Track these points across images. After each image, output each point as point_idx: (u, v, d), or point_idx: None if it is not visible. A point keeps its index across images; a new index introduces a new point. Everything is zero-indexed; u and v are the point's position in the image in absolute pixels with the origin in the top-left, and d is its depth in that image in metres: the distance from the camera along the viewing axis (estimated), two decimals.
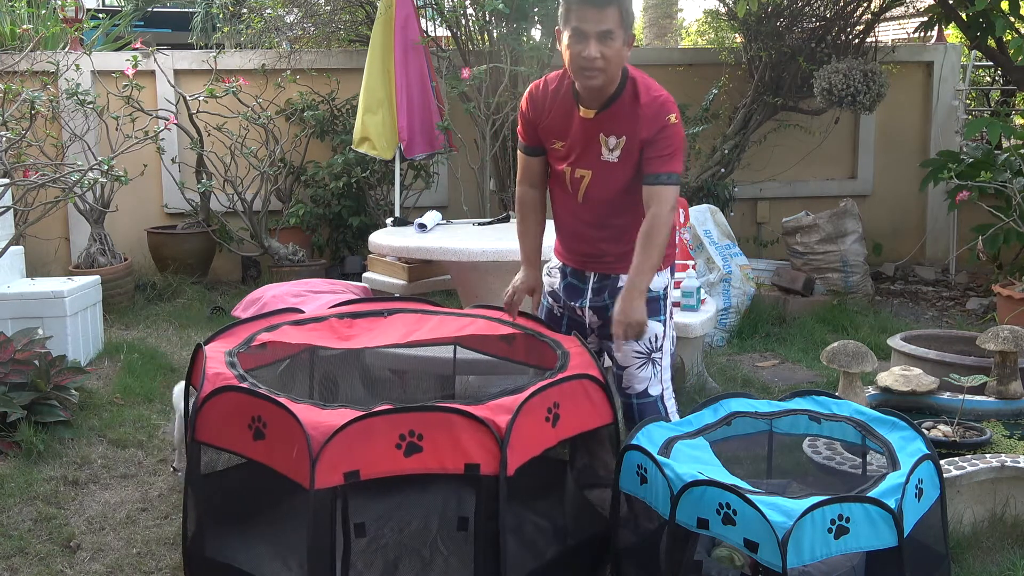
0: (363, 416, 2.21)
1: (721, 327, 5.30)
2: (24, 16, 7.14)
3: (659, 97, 2.76)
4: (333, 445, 2.16)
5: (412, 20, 5.79)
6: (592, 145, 2.83)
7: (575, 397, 2.58)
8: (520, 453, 2.34)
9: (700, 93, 6.72)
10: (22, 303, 4.56)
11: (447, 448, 2.26)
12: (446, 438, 2.26)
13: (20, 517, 3.15)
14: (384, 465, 2.23)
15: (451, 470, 2.27)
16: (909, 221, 7.52)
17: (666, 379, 2.98)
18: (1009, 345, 3.44)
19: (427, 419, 2.26)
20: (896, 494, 2.23)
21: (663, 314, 2.95)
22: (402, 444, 2.23)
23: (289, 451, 2.23)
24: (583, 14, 2.67)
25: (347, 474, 2.18)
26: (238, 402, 2.37)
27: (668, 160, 2.75)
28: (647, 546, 2.57)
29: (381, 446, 2.22)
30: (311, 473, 2.13)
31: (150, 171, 6.42)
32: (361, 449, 2.20)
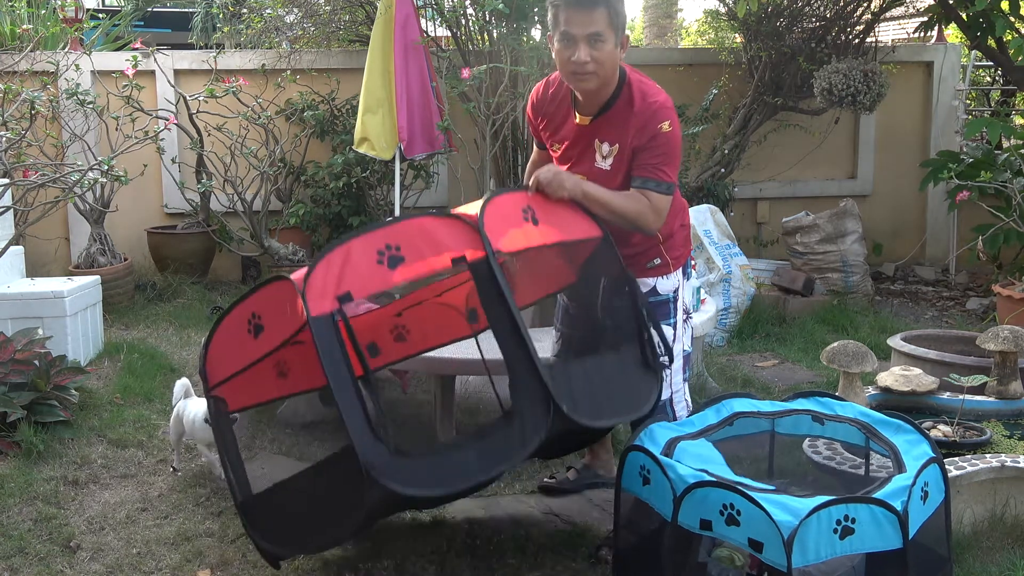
0: (337, 244, 2.29)
1: (721, 327, 5.30)
2: (24, 16, 7.14)
3: (653, 104, 2.72)
4: (316, 275, 2.23)
5: (412, 20, 5.78)
6: (587, 151, 2.82)
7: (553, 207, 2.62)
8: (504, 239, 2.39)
9: (700, 93, 6.72)
10: (22, 303, 4.56)
11: (426, 248, 2.33)
12: (423, 242, 2.33)
13: (20, 517, 3.15)
14: (374, 282, 2.29)
15: (438, 267, 2.34)
16: (909, 221, 7.52)
17: (676, 382, 2.95)
18: (1009, 345, 3.44)
19: (399, 230, 2.33)
20: (902, 496, 2.23)
21: (673, 317, 2.93)
22: (383, 258, 2.29)
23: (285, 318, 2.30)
24: (571, 17, 2.64)
25: (339, 297, 2.24)
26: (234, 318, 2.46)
27: (657, 168, 2.72)
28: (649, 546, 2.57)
29: (364, 266, 2.28)
30: (304, 305, 2.20)
31: (150, 171, 6.41)
32: (347, 273, 2.26)
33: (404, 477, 2.24)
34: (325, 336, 2.22)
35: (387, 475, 2.21)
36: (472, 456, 2.31)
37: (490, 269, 2.33)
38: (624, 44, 2.71)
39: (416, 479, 2.26)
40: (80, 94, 5.96)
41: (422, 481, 2.27)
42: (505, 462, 2.30)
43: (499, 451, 2.30)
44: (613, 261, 2.72)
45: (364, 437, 2.22)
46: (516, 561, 2.87)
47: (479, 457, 2.30)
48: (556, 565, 2.85)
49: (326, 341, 2.22)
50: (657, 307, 2.90)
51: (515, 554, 2.91)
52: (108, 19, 8.49)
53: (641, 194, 2.73)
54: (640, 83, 2.77)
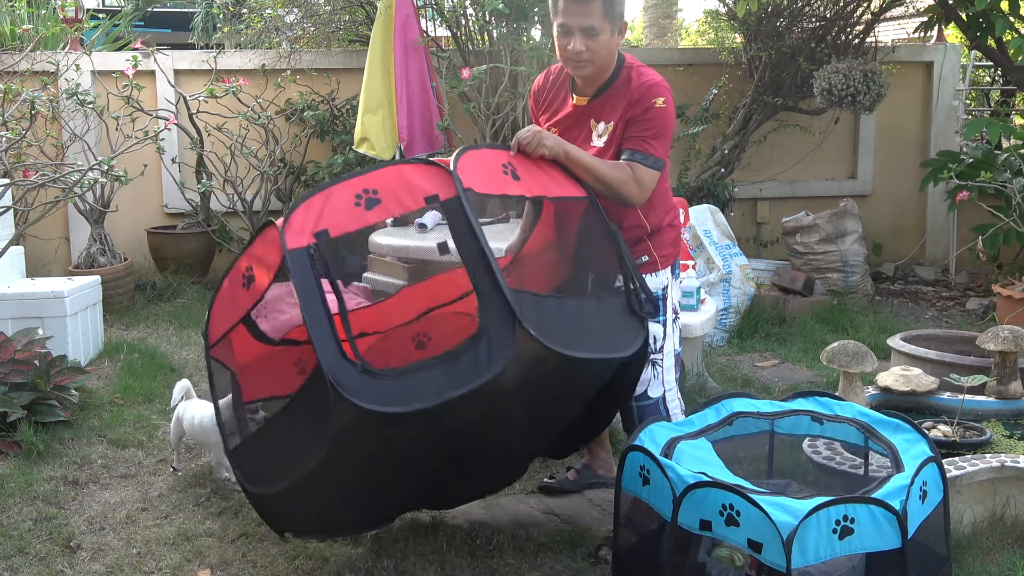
0: (319, 189, 2.45)
1: (721, 327, 5.30)
2: (24, 16, 7.14)
3: (648, 81, 2.77)
4: (296, 215, 2.39)
5: (412, 20, 5.78)
6: (584, 132, 2.86)
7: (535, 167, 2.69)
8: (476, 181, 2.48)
9: (700, 93, 6.72)
10: (22, 303, 4.56)
11: (403, 193, 2.45)
12: (400, 185, 2.46)
13: (20, 517, 3.15)
14: (350, 223, 2.41)
15: (412, 207, 2.45)
16: (909, 221, 7.52)
17: (668, 380, 2.97)
18: (1009, 345, 3.44)
19: (378, 176, 2.46)
20: (901, 496, 2.23)
21: (662, 315, 2.94)
22: (360, 201, 2.42)
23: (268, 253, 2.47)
24: (567, 8, 2.70)
25: (317, 233, 2.37)
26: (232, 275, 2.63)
27: (645, 141, 2.75)
28: (648, 546, 2.57)
29: (342, 206, 2.42)
30: (281, 239, 2.34)
31: (150, 171, 6.41)
32: (325, 213, 2.40)
33: (371, 394, 2.28)
34: (300, 266, 2.34)
35: (354, 392, 2.26)
36: (439, 375, 2.34)
37: (461, 205, 2.41)
38: (622, 30, 2.75)
39: (383, 397, 2.30)
40: (80, 94, 5.96)
41: (389, 399, 2.30)
42: (473, 380, 2.32)
43: (466, 369, 2.34)
44: (598, 221, 2.77)
45: (332, 356, 2.29)
46: (516, 561, 2.87)
47: (446, 375, 2.34)
48: (556, 565, 2.85)
49: (300, 270, 2.34)
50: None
51: (515, 554, 2.91)
52: (108, 19, 8.49)
53: (627, 165, 2.76)
54: (638, 67, 2.82)
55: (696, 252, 5.34)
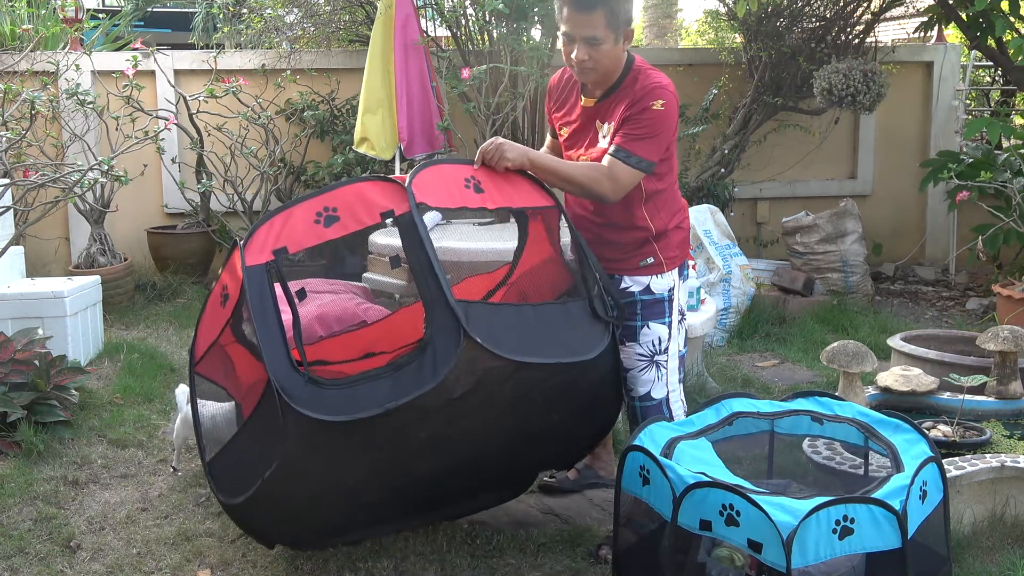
0: (281, 208, 2.53)
1: (721, 327, 5.30)
2: (24, 16, 7.14)
3: (652, 84, 2.76)
4: (257, 235, 2.47)
5: (412, 20, 5.78)
6: (592, 133, 2.87)
7: (500, 179, 2.73)
8: (434, 197, 2.57)
9: (700, 93, 6.72)
10: (22, 303, 4.56)
11: (361, 209, 2.52)
12: (358, 202, 2.53)
13: (20, 517, 3.15)
14: (307, 239, 2.49)
15: (369, 223, 2.52)
16: (909, 221, 7.52)
17: (672, 382, 2.96)
18: (1009, 345, 3.44)
19: (337, 194, 2.54)
20: (901, 496, 2.23)
21: (668, 316, 2.94)
22: (320, 219, 2.50)
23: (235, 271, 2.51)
24: (570, 17, 2.70)
25: (276, 251, 2.46)
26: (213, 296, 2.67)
27: (631, 139, 2.73)
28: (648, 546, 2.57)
29: (302, 224, 2.50)
30: (241, 257, 2.42)
31: (150, 171, 6.42)
32: (285, 231, 2.49)
33: (316, 404, 2.35)
34: (255, 282, 2.43)
35: (300, 401, 2.33)
36: (385, 385, 2.39)
37: (412, 220, 2.47)
38: (628, 37, 2.75)
39: (329, 406, 2.36)
40: (80, 94, 5.96)
41: (335, 408, 2.36)
42: (416, 389, 2.37)
43: (411, 379, 2.38)
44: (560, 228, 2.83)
45: (281, 367, 2.37)
46: (516, 561, 2.87)
47: (392, 386, 2.38)
48: (556, 565, 2.85)
49: (255, 286, 2.42)
50: (651, 306, 2.92)
51: (515, 554, 2.91)
52: (108, 19, 8.49)
53: (609, 163, 2.74)
54: (645, 70, 2.82)
55: (696, 252, 5.34)
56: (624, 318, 2.85)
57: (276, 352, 2.38)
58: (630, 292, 2.92)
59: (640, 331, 2.92)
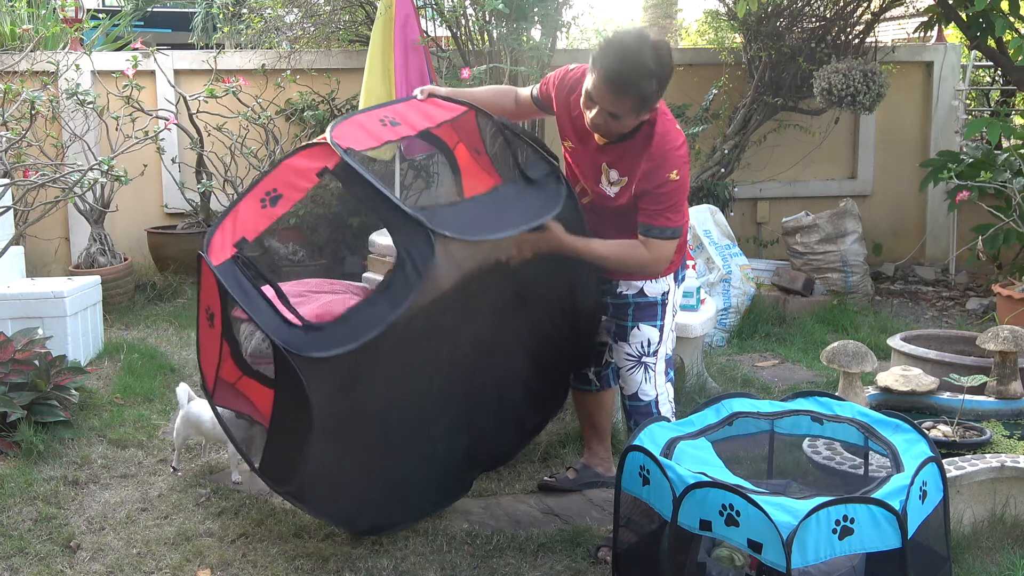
0: (234, 203, 2.67)
1: (721, 327, 5.30)
2: (24, 16, 7.13)
3: (667, 151, 2.71)
4: (215, 241, 2.58)
5: (412, 20, 5.78)
6: (595, 170, 2.83)
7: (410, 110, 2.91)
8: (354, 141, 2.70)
9: (700, 93, 6.72)
10: (22, 303, 4.56)
11: (297, 180, 2.66)
12: (292, 175, 2.67)
13: (20, 517, 3.15)
14: (261, 223, 2.64)
15: (309, 186, 2.66)
16: (909, 221, 7.52)
17: (660, 384, 2.98)
18: (1009, 345, 3.44)
19: (273, 177, 2.68)
20: (901, 496, 2.23)
21: (660, 319, 2.96)
22: (265, 202, 2.66)
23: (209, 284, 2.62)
24: (600, 90, 2.62)
25: (236, 243, 2.58)
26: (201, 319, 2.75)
27: (661, 215, 2.74)
28: (648, 546, 2.57)
29: (251, 214, 2.64)
30: (207, 257, 2.53)
31: (150, 171, 6.41)
32: (238, 226, 2.62)
33: (322, 344, 2.44)
34: (228, 274, 2.51)
35: (305, 347, 2.42)
36: (380, 304, 2.49)
37: (347, 164, 2.59)
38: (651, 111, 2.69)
39: (334, 341, 2.44)
40: (80, 94, 5.96)
41: (340, 341, 2.44)
42: (411, 293, 2.46)
43: (400, 290, 2.48)
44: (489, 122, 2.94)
45: (276, 326, 2.45)
46: (516, 561, 2.87)
47: (386, 302, 2.48)
48: (556, 565, 2.85)
49: (229, 277, 2.51)
50: (644, 308, 2.94)
51: (515, 554, 2.91)
52: (108, 19, 8.49)
53: (643, 241, 2.77)
54: (662, 125, 2.74)
55: (696, 252, 5.34)
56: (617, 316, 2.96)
57: (267, 317, 2.47)
58: (623, 295, 2.95)
59: (630, 331, 2.95)
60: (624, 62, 2.55)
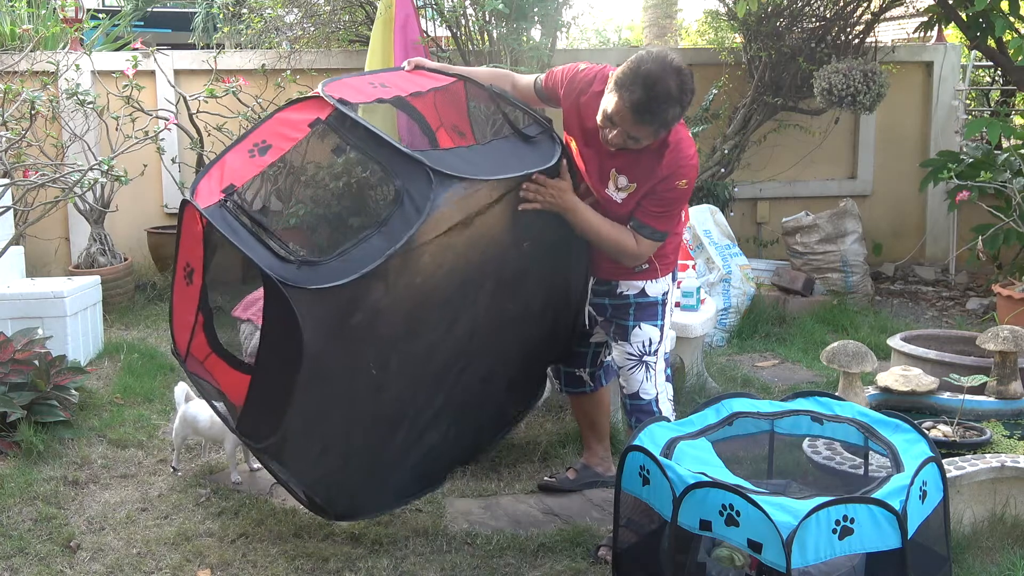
0: (221, 154, 2.66)
1: (721, 327, 5.30)
2: (24, 16, 7.13)
3: (681, 162, 2.72)
4: (200, 188, 2.57)
5: (412, 20, 5.78)
6: (603, 173, 2.83)
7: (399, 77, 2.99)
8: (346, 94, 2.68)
9: (700, 93, 6.71)
10: (22, 303, 4.56)
11: (288, 130, 2.66)
12: (283, 126, 2.68)
13: (20, 517, 3.15)
14: (249, 171, 2.62)
15: (300, 136, 2.67)
16: (909, 221, 7.52)
17: (660, 383, 3.00)
18: (1009, 345, 3.44)
19: (262, 129, 2.69)
20: (901, 496, 2.23)
21: (661, 319, 2.98)
22: (254, 152, 2.64)
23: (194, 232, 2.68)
24: (622, 114, 2.61)
25: (224, 189, 2.55)
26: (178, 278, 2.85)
27: (659, 217, 2.79)
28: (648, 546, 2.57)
29: (239, 163, 2.63)
30: (193, 201, 2.51)
31: (150, 171, 6.41)
32: (225, 174, 2.60)
33: (317, 278, 2.39)
34: (216, 216, 2.49)
35: (302, 280, 2.37)
36: (376, 240, 2.44)
37: (340, 112, 2.59)
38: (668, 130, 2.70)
39: (329, 275, 2.39)
40: (80, 94, 5.95)
41: (335, 275, 2.39)
42: (407, 230, 2.43)
43: (399, 226, 2.45)
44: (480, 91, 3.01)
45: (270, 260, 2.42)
46: (516, 561, 2.87)
47: (384, 238, 2.44)
48: (556, 565, 2.85)
49: (219, 218, 2.49)
50: (645, 308, 2.96)
51: (515, 554, 2.91)
52: (108, 19, 8.49)
53: (632, 234, 2.81)
54: (676, 134, 2.74)
55: (696, 252, 5.34)
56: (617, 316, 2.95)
57: (259, 252, 2.44)
58: (624, 295, 2.96)
59: (632, 331, 2.95)
60: (649, 91, 2.55)
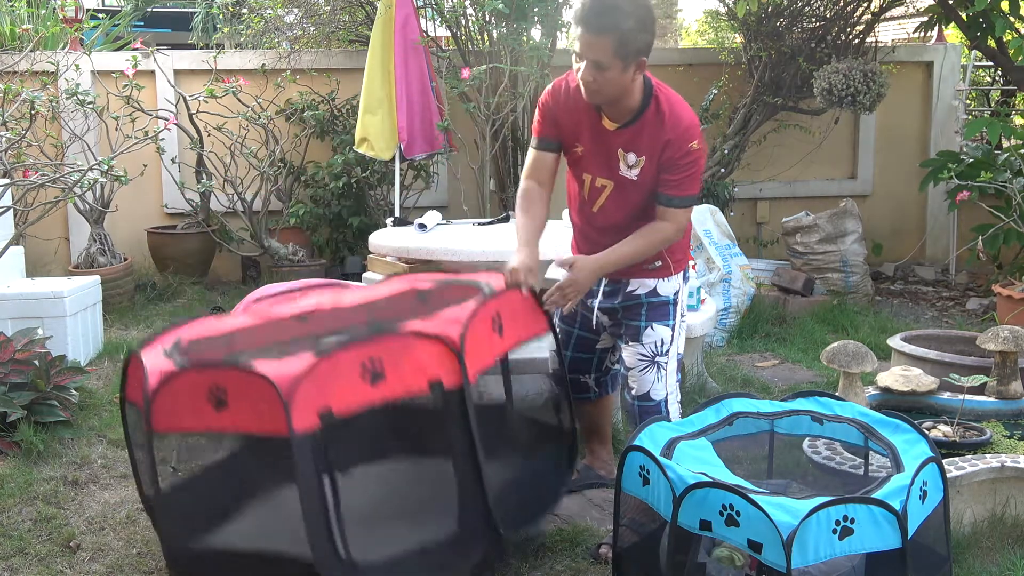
0: (324, 353, 2.22)
1: (721, 327, 5.30)
2: (24, 16, 7.14)
3: (682, 124, 2.74)
4: (303, 387, 2.14)
5: (412, 20, 5.79)
6: (611, 158, 2.83)
7: (514, 306, 2.69)
8: (476, 362, 2.42)
9: (700, 93, 6.72)
10: (22, 303, 4.56)
11: (408, 370, 2.31)
12: (405, 360, 2.31)
13: (20, 517, 3.15)
14: (353, 398, 2.24)
15: (416, 391, 2.32)
16: (909, 221, 7.52)
17: (671, 383, 2.98)
18: (1009, 345, 3.44)
19: (384, 345, 2.30)
20: (901, 496, 2.23)
21: (672, 319, 2.96)
22: (365, 374, 2.25)
23: (254, 408, 2.21)
24: (580, 37, 2.65)
25: (321, 413, 2.17)
26: (191, 380, 2.33)
27: (682, 184, 2.78)
28: (648, 546, 2.57)
29: (346, 379, 2.23)
30: (287, 418, 2.11)
31: (150, 171, 6.41)
32: (328, 386, 2.20)
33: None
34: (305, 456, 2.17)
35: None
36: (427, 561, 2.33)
37: (462, 399, 2.37)
38: (640, 66, 2.69)
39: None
40: (80, 94, 5.96)
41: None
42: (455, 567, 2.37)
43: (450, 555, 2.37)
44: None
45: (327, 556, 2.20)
46: (516, 561, 2.87)
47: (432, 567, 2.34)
48: (556, 565, 2.85)
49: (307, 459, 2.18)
50: (656, 308, 2.94)
51: (515, 554, 2.90)
52: (108, 19, 8.49)
53: (662, 212, 2.81)
54: (668, 99, 2.77)
55: (696, 252, 5.34)
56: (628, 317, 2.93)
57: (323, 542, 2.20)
58: (636, 294, 2.94)
59: (643, 332, 2.94)
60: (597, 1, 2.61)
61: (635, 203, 2.85)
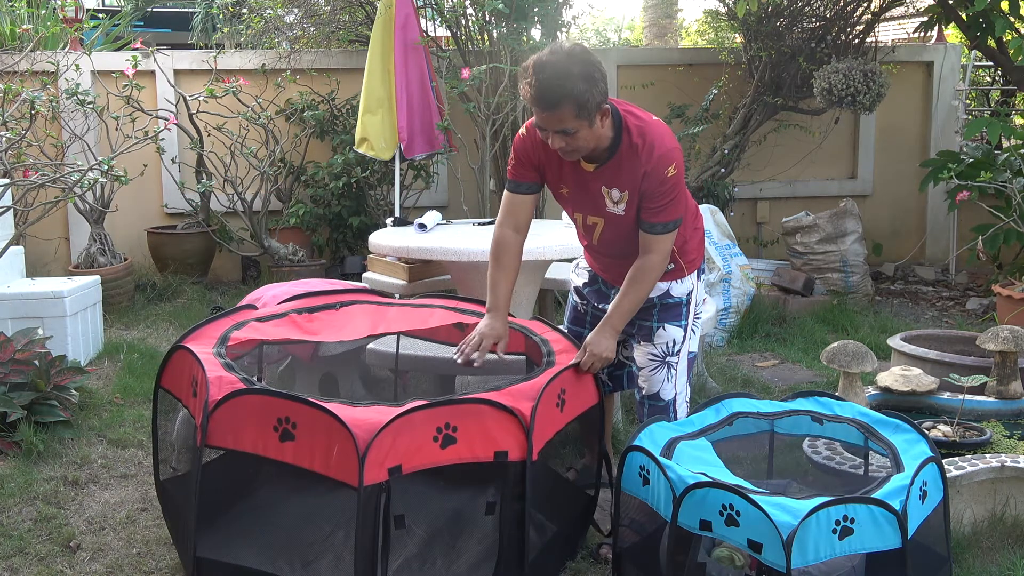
0: (404, 412, 2.28)
1: (721, 327, 5.30)
2: (24, 16, 7.14)
3: (657, 152, 2.69)
4: (379, 442, 2.22)
5: (412, 20, 5.78)
6: (597, 197, 2.82)
7: (575, 383, 2.73)
8: (540, 437, 2.46)
9: (700, 93, 6.72)
10: (22, 303, 4.56)
11: (478, 438, 2.37)
12: (477, 428, 2.37)
13: (20, 517, 3.15)
14: (423, 458, 2.31)
15: (482, 458, 2.38)
16: (909, 221, 7.52)
17: (681, 384, 2.97)
18: (1009, 345, 3.44)
19: (461, 411, 2.36)
20: (901, 496, 2.23)
21: (684, 319, 2.96)
22: (439, 436, 2.32)
23: (324, 450, 2.28)
24: (539, 115, 2.61)
25: (391, 469, 2.25)
26: (262, 404, 2.39)
27: (662, 211, 2.75)
28: (648, 546, 2.57)
29: (420, 440, 2.30)
30: (360, 470, 2.19)
31: (150, 171, 6.41)
32: (403, 444, 2.27)
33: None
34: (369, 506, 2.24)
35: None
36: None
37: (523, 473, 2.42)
38: (604, 115, 2.64)
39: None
40: (80, 94, 5.96)
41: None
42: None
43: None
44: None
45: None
46: None
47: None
48: None
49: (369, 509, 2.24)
50: (669, 308, 2.94)
51: None
52: (108, 19, 8.49)
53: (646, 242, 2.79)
54: (639, 127, 2.71)
55: None
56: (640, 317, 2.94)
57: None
58: (648, 297, 2.93)
59: (655, 332, 2.93)
60: (541, 76, 2.54)
61: (631, 231, 2.84)
